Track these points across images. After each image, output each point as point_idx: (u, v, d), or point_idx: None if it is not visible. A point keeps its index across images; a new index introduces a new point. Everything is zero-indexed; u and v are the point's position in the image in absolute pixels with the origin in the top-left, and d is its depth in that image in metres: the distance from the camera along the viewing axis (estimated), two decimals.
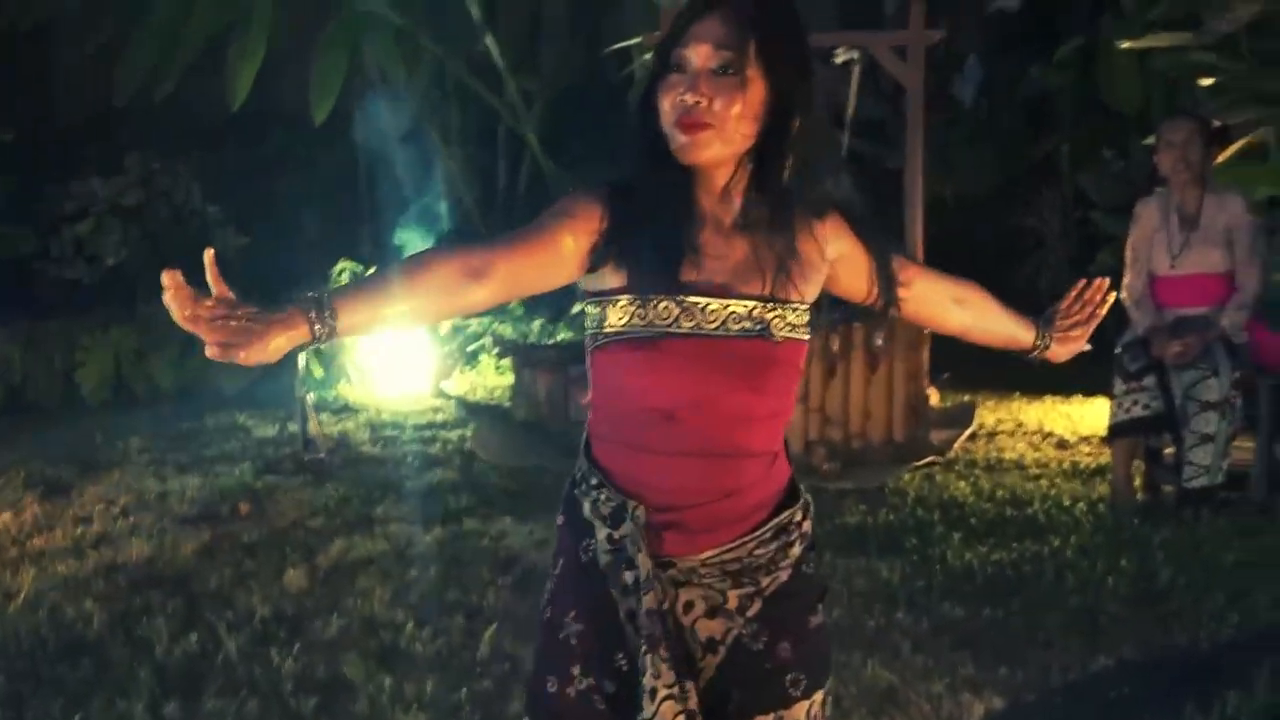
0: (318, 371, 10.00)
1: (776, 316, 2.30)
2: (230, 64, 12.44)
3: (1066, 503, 6.85)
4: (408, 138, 13.01)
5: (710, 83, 2.22)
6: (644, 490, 2.34)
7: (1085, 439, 8.52)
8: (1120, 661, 4.81)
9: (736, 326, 2.28)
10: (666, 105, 2.25)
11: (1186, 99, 9.85)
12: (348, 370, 10.29)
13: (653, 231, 2.27)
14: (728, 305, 2.28)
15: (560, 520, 2.49)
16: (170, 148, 12.06)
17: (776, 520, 2.39)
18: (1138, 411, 6.67)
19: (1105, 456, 7.82)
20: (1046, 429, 8.92)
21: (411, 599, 5.42)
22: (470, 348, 11.00)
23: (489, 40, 12.68)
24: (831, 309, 2.53)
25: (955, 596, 5.40)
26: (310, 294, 2.05)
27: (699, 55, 2.23)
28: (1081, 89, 11.31)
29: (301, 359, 8.08)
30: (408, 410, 9.41)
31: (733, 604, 2.36)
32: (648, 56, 11.15)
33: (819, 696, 2.41)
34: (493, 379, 10.66)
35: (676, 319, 2.26)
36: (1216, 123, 7.25)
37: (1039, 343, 2.74)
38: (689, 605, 2.36)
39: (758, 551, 2.36)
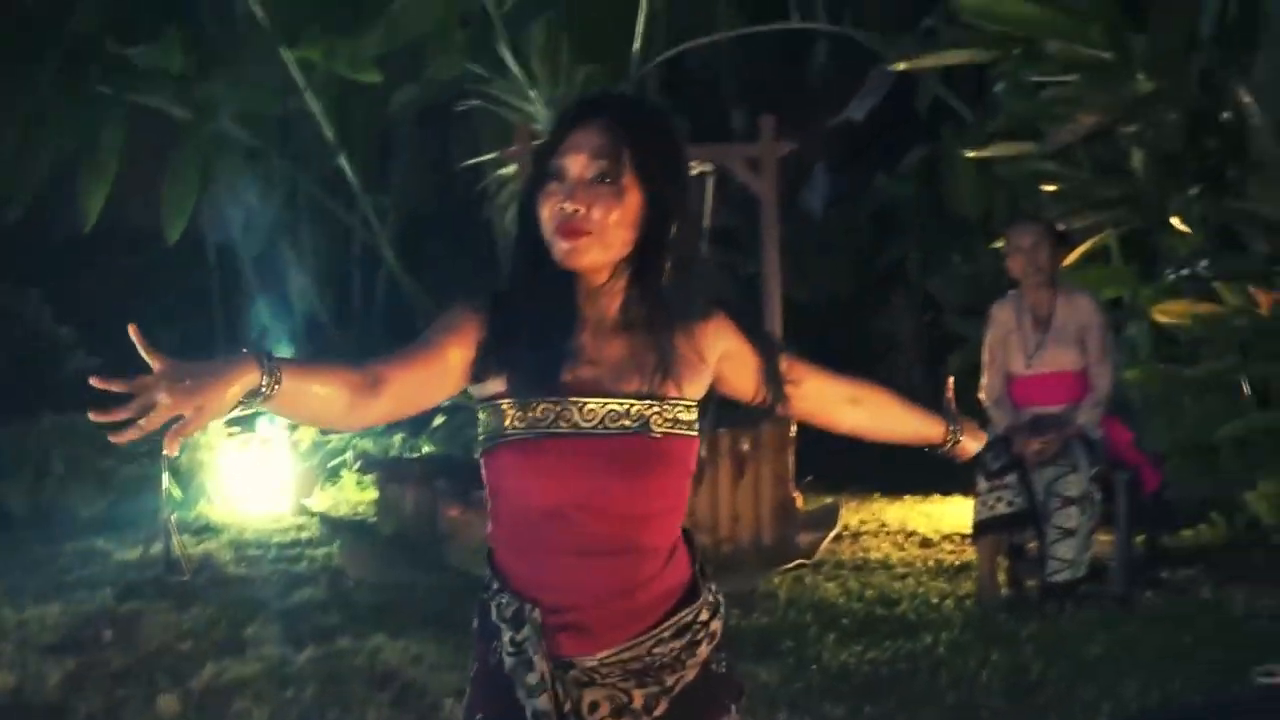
0: (177, 492, 9.84)
1: (655, 413, 2.32)
2: (82, 185, 12.32)
3: (934, 600, 6.97)
4: (262, 257, 12.96)
5: (587, 191, 2.27)
6: (540, 592, 2.35)
7: (947, 537, 8.68)
8: None
9: (615, 424, 2.30)
10: (546, 213, 2.30)
11: (1028, 204, 10.19)
12: (208, 489, 10.14)
13: (530, 336, 2.31)
14: (606, 404, 2.31)
15: (475, 625, 2.49)
16: (21, 272, 11.88)
17: (676, 618, 2.38)
18: (1001, 509, 6.81)
19: (968, 554, 7.98)
20: (909, 528, 9.06)
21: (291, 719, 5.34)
22: (331, 464, 10.92)
23: (342, 159, 12.71)
24: (702, 418, 2.49)
25: (834, 697, 5.45)
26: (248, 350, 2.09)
27: (576, 164, 2.28)
28: (926, 197, 11.65)
29: (165, 478, 7.95)
30: (271, 528, 9.28)
31: (638, 703, 2.36)
32: (503, 171, 11.28)
33: None
34: (355, 495, 10.58)
35: (556, 419, 2.29)
36: (1061, 226, 7.54)
37: (949, 438, 2.78)
38: (594, 706, 2.36)
39: (657, 650, 2.36)
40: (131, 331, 2.01)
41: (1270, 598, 6.86)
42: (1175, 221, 7.60)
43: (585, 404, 2.30)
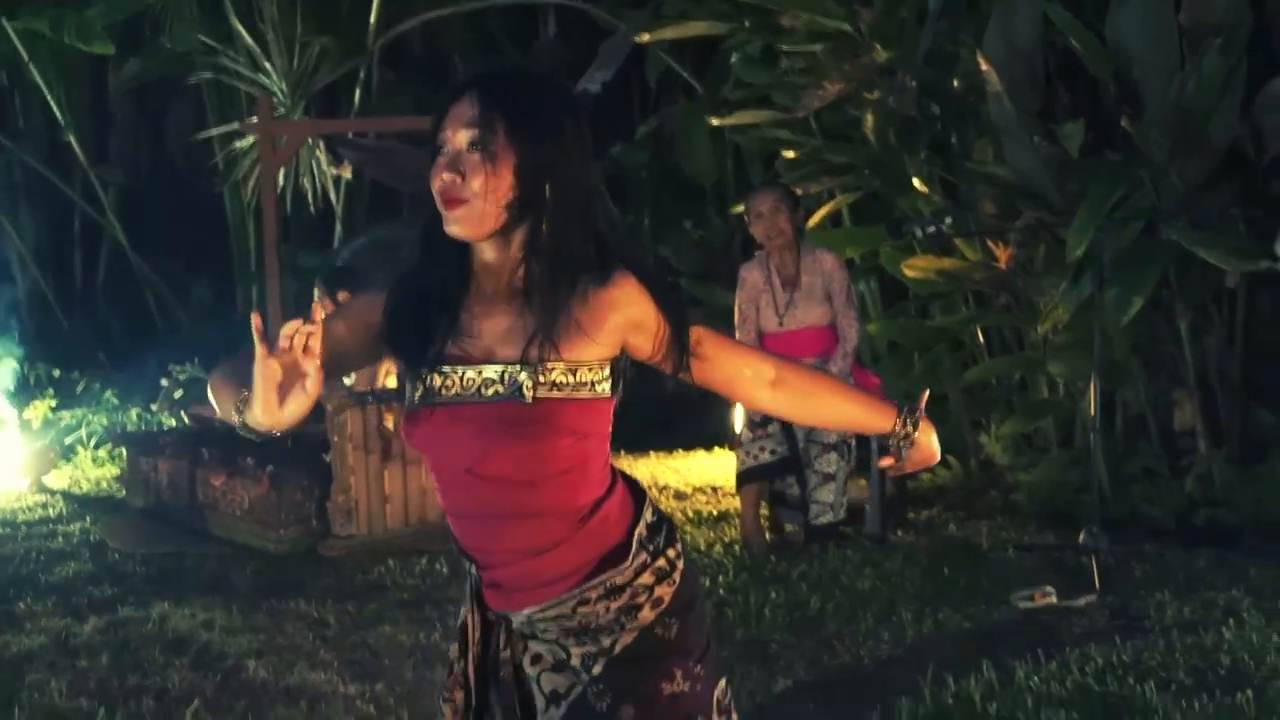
0: None
1: (528, 376, 2.34)
2: None
3: (703, 547, 7.24)
4: None
5: (464, 160, 2.33)
6: (469, 550, 2.49)
7: (699, 489, 8.96)
8: (798, 683, 5.18)
9: (489, 390, 2.36)
10: (434, 186, 2.36)
11: (760, 171, 10.59)
12: None
13: (414, 313, 2.42)
14: (482, 370, 2.37)
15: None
16: None
17: (600, 579, 2.42)
18: (765, 457, 7.13)
19: (723, 504, 8.31)
20: (661, 482, 9.29)
21: (91, 687, 5.27)
22: (67, 440, 10.62)
23: (69, 133, 12.33)
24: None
25: None
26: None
27: (452, 136, 2.35)
28: (657, 166, 11.94)
29: None
30: (13, 507, 8.97)
31: (576, 660, 2.43)
32: (239, 144, 11.15)
33: None
34: (93, 471, 10.29)
35: (438, 390, 2.39)
36: (798, 191, 7.90)
37: (897, 428, 2.66)
38: (536, 658, 2.46)
39: (582, 610, 2.41)
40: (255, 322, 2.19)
41: (1009, 531, 7.38)
42: (916, 183, 8.03)
43: (464, 372, 2.38)
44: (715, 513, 8.13)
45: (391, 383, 7.91)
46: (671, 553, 2.51)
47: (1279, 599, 5.91)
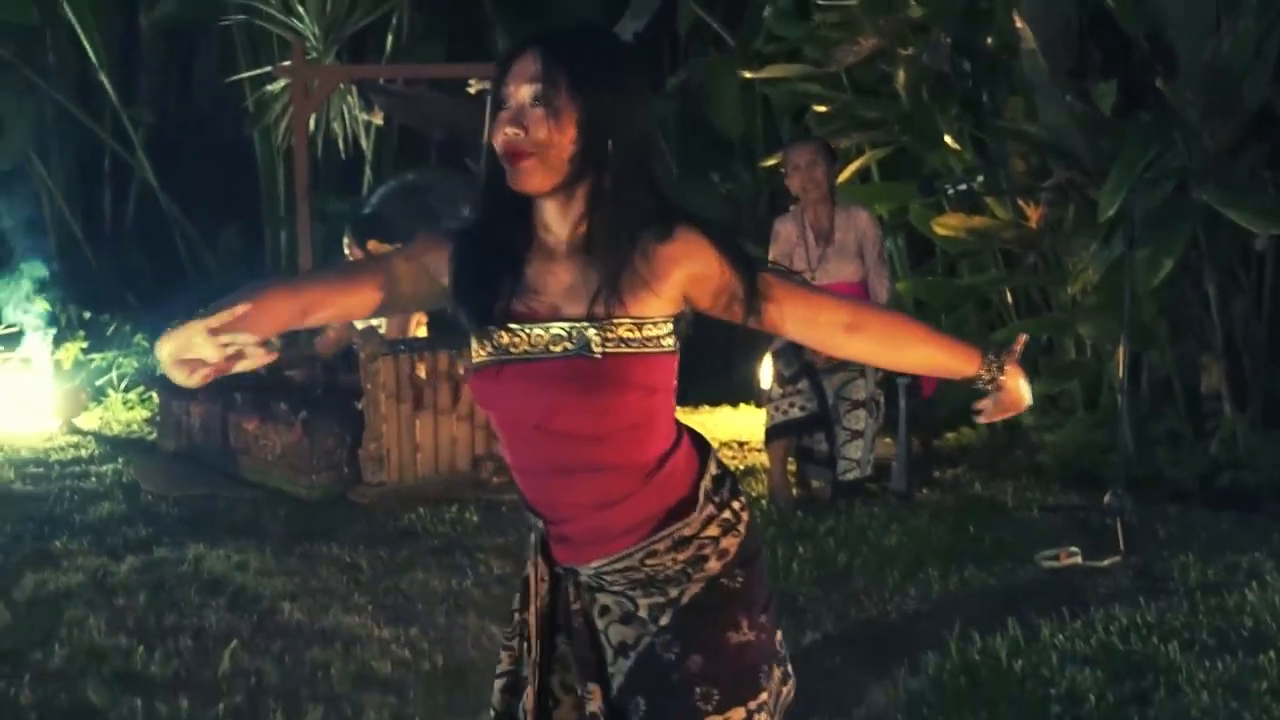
0: None
1: (596, 332, 2.36)
2: None
3: None
4: (11, 174, 12.49)
5: (526, 115, 2.33)
6: (537, 505, 2.54)
7: (725, 444, 9.01)
8: (825, 636, 5.26)
9: (558, 347, 2.38)
10: (497, 141, 2.37)
11: (785, 125, 10.60)
12: None
13: (480, 269, 2.45)
14: (549, 328, 2.39)
15: None
16: None
17: (668, 531, 2.46)
18: (795, 413, 7.17)
19: (749, 458, 8.36)
20: None
21: (130, 625, 5.36)
22: (98, 383, 10.70)
23: (101, 73, 12.35)
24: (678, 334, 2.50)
25: None
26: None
27: (515, 91, 2.35)
28: (685, 116, 11.93)
29: None
30: (46, 447, 9.06)
31: (643, 612, 2.47)
32: (270, 87, 11.17)
33: (737, 714, 2.43)
34: (123, 414, 10.38)
35: (506, 347, 2.42)
36: (834, 144, 7.92)
37: (983, 372, 2.61)
38: (604, 610, 2.51)
39: (650, 562, 2.46)
40: None
41: (1033, 490, 7.43)
42: (948, 140, 8.04)
43: (532, 330, 2.40)
44: (742, 468, 8.18)
45: (423, 332, 7.97)
46: (736, 505, 2.55)
47: None
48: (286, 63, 10.02)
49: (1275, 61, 6.93)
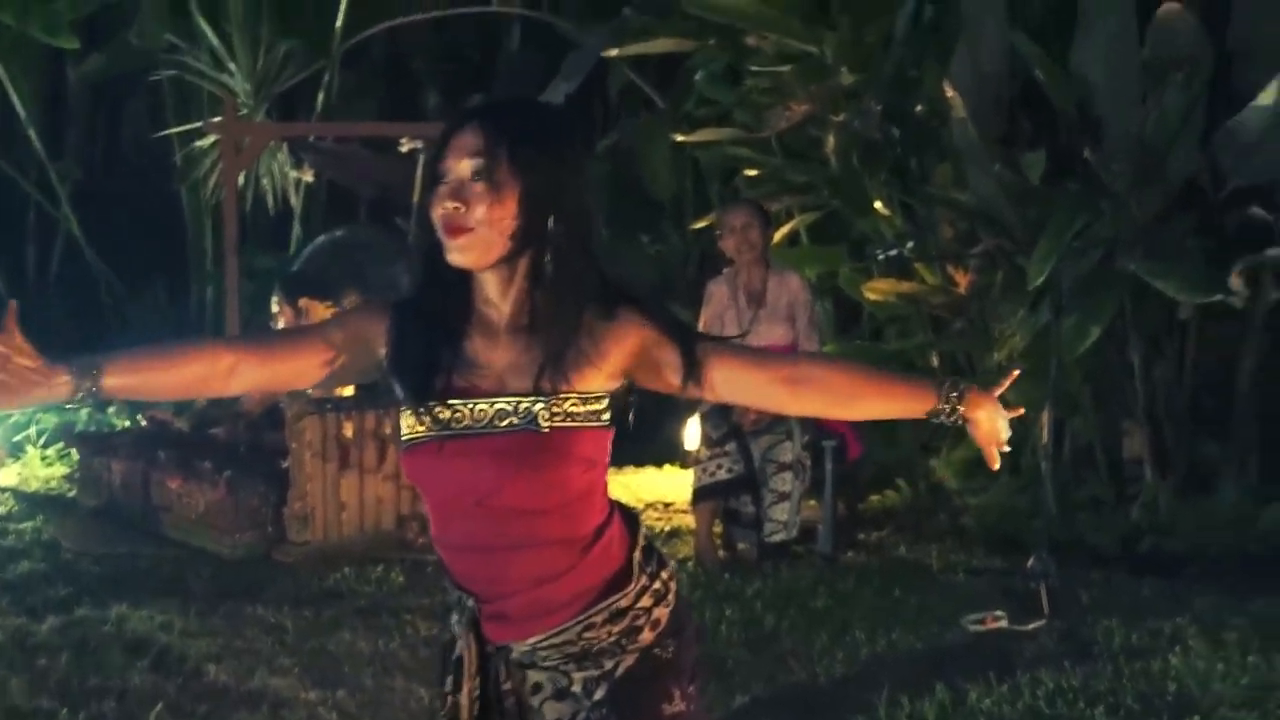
0: None
1: (542, 408, 2.37)
2: None
3: None
4: None
5: (468, 189, 2.33)
6: (469, 582, 2.51)
7: (650, 505, 9.00)
8: (754, 699, 5.25)
9: (504, 422, 2.38)
10: (436, 215, 2.37)
11: (715, 188, 10.69)
12: None
13: (419, 343, 2.44)
14: (494, 403, 2.39)
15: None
16: None
17: (606, 604, 2.46)
18: (721, 475, 7.19)
19: (674, 520, 8.36)
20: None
21: (51, 686, 5.26)
22: (15, 439, 10.53)
23: (30, 129, 12.25)
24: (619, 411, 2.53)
25: None
26: (84, 356, 2.27)
27: (456, 165, 2.35)
28: (616, 179, 11.99)
29: None
30: None
31: (577, 687, 2.47)
32: (199, 143, 11.10)
33: None
34: (42, 470, 10.22)
35: (447, 422, 2.40)
36: (770, 207, 7.99)
37: (941, 405, 2.54)
38: (537, 686, 2.50)
39: (588, 635, 2.45)
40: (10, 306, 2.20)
41: (957, 553, 7.47)
42: (878, 205, 8.13)
43: (476, 404, 2.39)
44: (667, 529, 8.18)
45: (349, 391, 7.92)
46: (665, 575, 2.57)
47: (1222, 628, 6.01)
48: (218, 119, 9.98)
49: (1201, 133, 7.06)
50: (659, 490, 9.41)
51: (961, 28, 7.39)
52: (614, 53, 9.45)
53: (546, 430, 2.37)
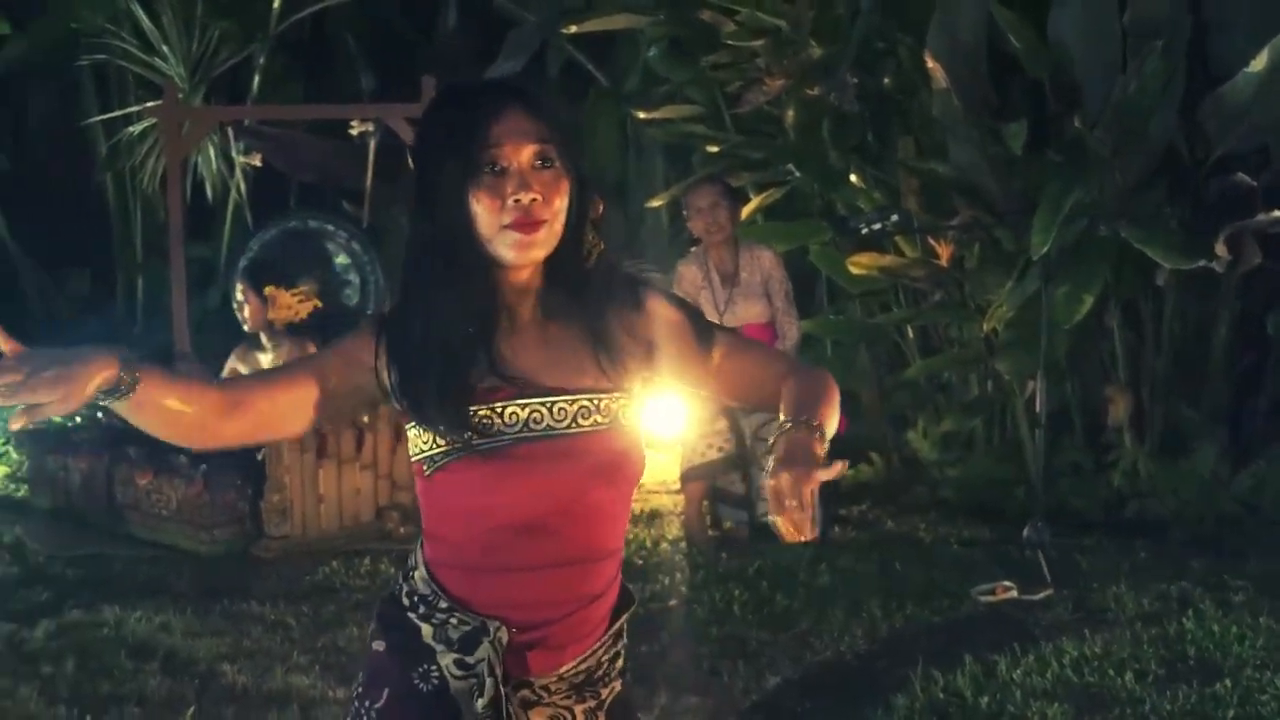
0: None
1: (622, 405, 2.24)
2: None
3: (650, 545, 7.21)
4: None
5: (534, 178, 2.16)
6: (508, 610, 2.24)
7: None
8: (786, 680, 5.20)
9: (587, 421, 2.21)
10: (493, 208, 2.16)
11: (659, 167, 10.61)
12: None
13: (450, 347, 2.21)
14: (575, 400, 2.21)
15: (380, 647, 2.35)
16: None
17: (616, 625, 2.35)
18: (712, 454, 7.12)
19: (652, 501, 8.26)
20: None
21: (65, 695, 5.08)
22: None
23: None
24: None
25: None
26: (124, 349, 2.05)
27: (516, 152, 2.16)
28: None
29: None
30: None
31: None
32: (133, 129, 10.78)
33: None
34: None
35: (525, 422, 2.20)
36: (735, 183, 7.91)
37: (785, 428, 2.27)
38: None
39: (604, 658, 2.32)
40: None
41: (945, 526, 7.46)
42: (854, 179, 8.08)
43: (554, 402, 2.20)
44: (648, 511, 8.07)
45: None
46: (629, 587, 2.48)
47: (1227, 590, 6.07)
48: (156, 103, 9.69)
49: (1180, 99, 7.08)
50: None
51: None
52: (572, 29, 9.28)
53: (626, 425, 2.24)
